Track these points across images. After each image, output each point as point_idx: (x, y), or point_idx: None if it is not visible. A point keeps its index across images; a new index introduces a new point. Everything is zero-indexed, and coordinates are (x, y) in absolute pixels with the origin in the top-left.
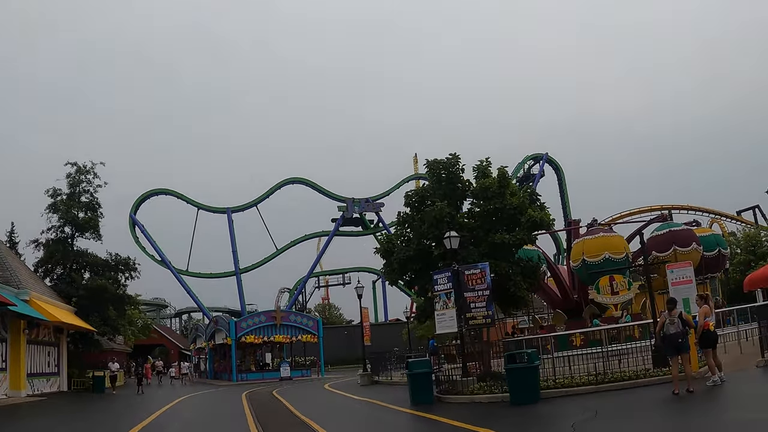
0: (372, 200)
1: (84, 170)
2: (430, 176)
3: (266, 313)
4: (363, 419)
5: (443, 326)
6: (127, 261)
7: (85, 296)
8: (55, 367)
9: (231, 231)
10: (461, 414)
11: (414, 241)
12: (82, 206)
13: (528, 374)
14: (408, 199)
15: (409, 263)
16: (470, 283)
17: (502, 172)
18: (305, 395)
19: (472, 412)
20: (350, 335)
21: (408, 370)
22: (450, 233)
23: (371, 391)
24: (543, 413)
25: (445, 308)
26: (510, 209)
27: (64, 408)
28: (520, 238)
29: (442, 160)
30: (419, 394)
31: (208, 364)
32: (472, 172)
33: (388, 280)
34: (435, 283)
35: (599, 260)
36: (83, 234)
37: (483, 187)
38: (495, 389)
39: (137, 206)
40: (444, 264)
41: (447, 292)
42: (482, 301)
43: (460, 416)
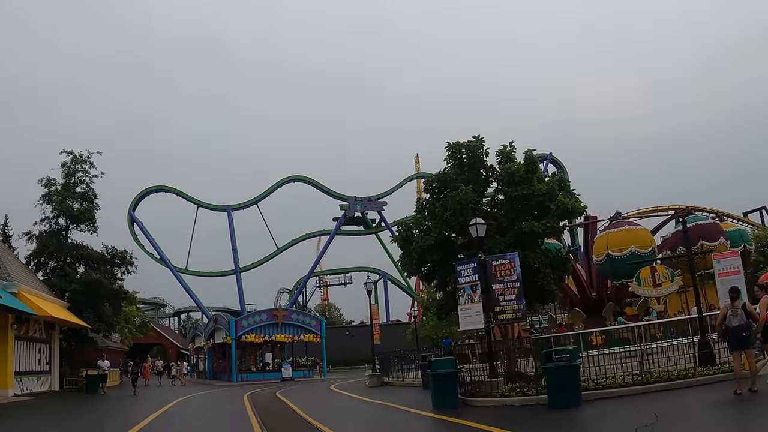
0: (375, 199)
1: (80, 159)
2: (452, 160)
3: (267, 311)
4: (384, 425)
5: (468, 322)
6: (123, 254)
7: (79, 291)
8: (47, 365)
9: (231, 229)
10: (494, 419)
11: (435, 230)
12: (77, 197)
13: (568, 374)
14: (428, 185)
15: (428, 253)
16: (498, 275)
17: (530, 156)
18: (312, 397)
19: (506, 416)
20: (351, 336)
21: (431, 370)
22: (476, 220)
23: (383, 393)
24: (591, 417)
25: (470, 302)
26: (538, 196)
27: (50, 409)
28: (550, 227)
29: (464, 142)
30: (443, 396)
31: (207, 363)
32: (495, 157)
33: (406, 271)
34: (458, 274)
35: (625, 254)
36: (78, 226)
37: (509, 172)
38: (528, 391)
39: (136, 203)
40: (467, 254)
41: (472, 285)
42: (512, 293)
43: (495, 422)
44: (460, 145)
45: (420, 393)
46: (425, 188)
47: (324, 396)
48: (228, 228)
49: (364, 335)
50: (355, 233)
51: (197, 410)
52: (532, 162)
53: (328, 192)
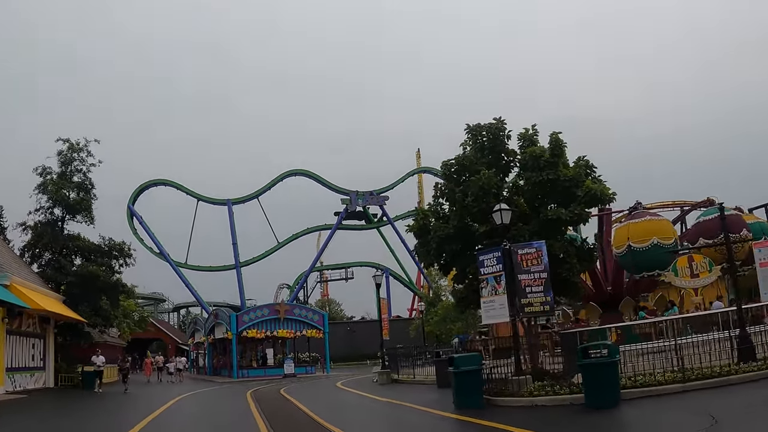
0: (376, 193)
1: (77, 147)
2: (471, 143)
3: (269, 306)
4: (406, 428)
5: (491, 315)
6: (121, 246)
7: (75, 283)
8: (41, 361)
9: (231, 223)
10: (528, 421)
11: (454, 217)
12: (73, 186)
13: (607, 371)
14: (446, 169)
15: (447, 243)
16: (525, 264)
17: (556, 139)
18: (320, 396)
19: (540, 418)
20: (353, 332)
21: (453, 368)
22: (500, 206)
23: (395, 391)
24: (638, 419)
25: (494, 294)
26: (565, 181)
27: (40, 408)
28: (578, 214)
29: (485, 124)
30: (466, 395)
31: (207, 359)
32: (516, 141)
33: (422, 262)
34: (481, 265)
35: (647, 246)
36: (74, 217)
37: (534, 156)
38: (560, 390)
39: (135, 197)
40: (490, 243)
41: (496, 276)
42: (539, 285)
43: (530, 424)
44: (481, 128)
45: (435, 391)
46: (442, 172)
47: (332, 394)
48: (228, 222)
49: (365, 331)
50: (357, 228)
51: (197, 410)
52: (558, 145)
53: (330, 186)
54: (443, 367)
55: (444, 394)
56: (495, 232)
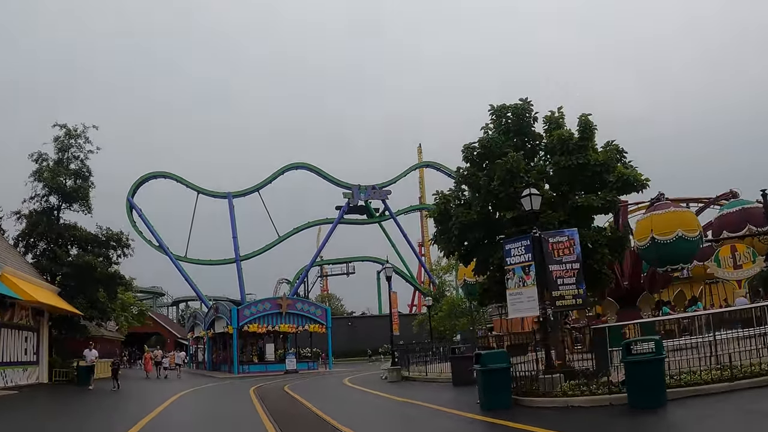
0: (379, 187)
1: (74, 134)
2: (495, 126)
3: (271, 300)
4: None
5: (519, 309)
6: (119, 236)
7: (71, 274)
8: (34, 355)
9: (232, 217)
10: (569, 425)
11: (477, 203)
12: (70, 174)
13: (653, 369)
14: (468, 152)
15: (470, 230)
16: (556, 254)
17: (585, 121)
18: (328, 394)
19: (581, 421)
20: (354, 327)
21: (480, 365)
22: (530, 190)
23: (408, 390)
24: (690, 421)
25: (522, 286)
26: (595, 166)
27: (32, 404)
28: (610, 201)
29: (510, 105)
30: (493, 396)
31: (207, 354)
32: (541, 124)
33: (442, 250)
34: (507, 254)
35: (672, 238)
36: (71, 205)
37: (562, 139)
38: (597, 389)
39: (135, 189)
40: (517, 231)
41: (524, 266)
42: (571, 276)
43: (571, 428)
44: (506, 108)
45: (452, 390)
46: (464, 156)
47: (341, 392)
48: (229, 215)
49: (366, 326)
50: (359, 222)
51: (197, 411)
52: (588, 128)
53: (331, 180)
54: (459, 365)
55: (461, 392)
56: (523, 219)
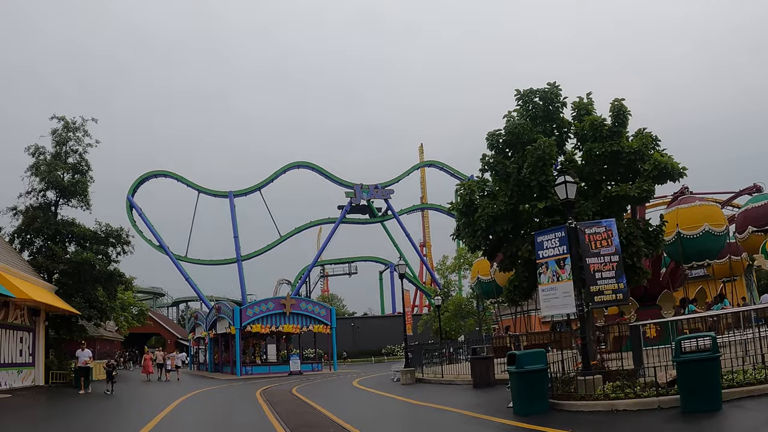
0: (381, 187)
1: (73, 126)
2: (522, 112)
3: (275, 299)
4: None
5: (553, 305)
6: (119, 233)
7: (68, 272)
8: (30, 356)
9: (233, 216)
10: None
11: (504, 193)
12: (68, 168)
13: (708, 369)
14: (492, 140)
15: (497, 222)
16: (593, 246)
17: (619, 107)
18: (341, 398)
19: (632, 427)
20: (357, 328)
21: (515, 367)
22: (566, 177)
23: (426, 393)
24: (760, 427)
25: (556, 280)
26: (629, 153)
27: (20, 410)
28: (646, 190)
29: (537, 89)
30: (529, 399)
31: (208, 355)
32: (569, 111)
33: (468, 244)
34: (540, 247)
35: (699, 233)
36: (69, 201)
37: (594, 125)
38: (643, 391)
39: (135, 188)
40: (550, 222)
41: (559, 259)
42: (610, 269)
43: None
44: (533, 93)
45: (473, 393)
46: (488, 143)
47: (356, 396)
48: (230, 215)
49: (369, 327)
50: (361, 222)
51: (202, 422)
52: (622, 113)
53: (334, 179)
54: (481, 366)
55: (485, 395)
56: (556, 209)
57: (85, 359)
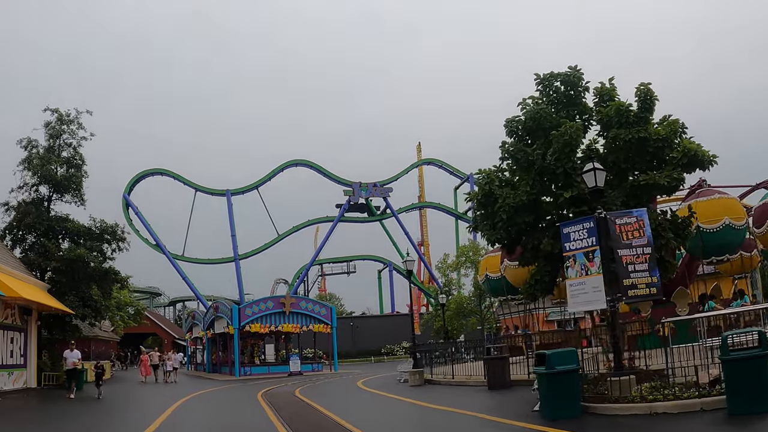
0: (380, 185)
1: (66, 119)
2: (543, 97)
3: (274, 298)
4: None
5: (581, 301)
6: (114, 228)
7: (61, 270)
8: (21, 357)
9: (230, 214)
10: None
11: (525, 182)
12: (62, 162)
13: (758, 367)
14: (512, 126)
15: (519, 214)
16: (624, 237)
17: (646, 91)
18: (349, 401)
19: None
20: (356, 327)
21: (545, 368)
22: (594, 164)
23: (438, 395)
24: None
25: (584, 274)
26: (657, 140)
27: (5, 416)
28: (676, 179)
29: (558, 73)
30: (560, 402)
31: (206, 355)
32: (591, 96)
33: (487, 237)
34: (566, 239)
35: (719, 226)
36: (63, 196)
37: (620, 110)
38: (683, 393)
39: (131, 186)
40: (574, 212)
41: (587, 252)
42: (643, 262)
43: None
44: (554, 77)
45: (490, 395)
46: (507, 130)
47: (362, 398)
48: (227, 213)
49: (368, 327)
50: (359, 220)
51: (203, 423)
52: (649, 98)
53: (332, 177)
54: (495, 366)
55: (503, 398)
56: (582, 198)
57: (73, 360)
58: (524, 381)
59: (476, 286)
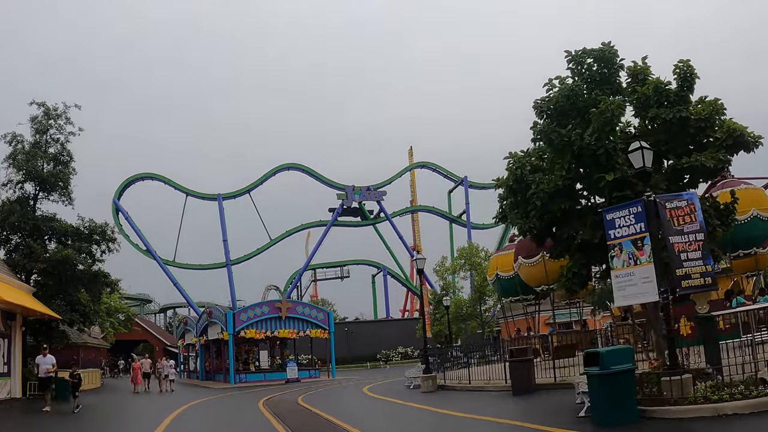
0: (374, 188)
1: (54, 114)
2: (576, 75)
3: (269, 303)
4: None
5: (629, 294)
6: (103, 228)
7: (48, 272)
8: (4, 365)
9: (222, 219)
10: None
11: (560, 166)
12: (48, 158)
13: None
14: (544, 105)
15: (554, 200)
16: (675, 223)
17: (686, 67)
18: (359, 409)
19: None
20: (351, 333)
21: (598, 368)
22: (641, 143)
23: (459, 402)
24: None
25: (633, 264)
26: (698, 120)
27: None
28: (722, 160)
29: (591, 49)
30: (615, 407)
31: (200, 362)
32: (624, 76)
33: (519, 227)
34: (610, 225)
35: (747, 218)
36: (49, 194)
37: (659, 89)
38: (750, 392)
39: (121, 191)
40: (617, 197)
41: (636, 239)
42: (696, 250)
43: None
44: (586, 53)
45: (517, 400)
46: (537, 111)
47: (375, 406)
48: (219, 218)
49: (364, 332)
50: (353, 224)
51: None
52: (690, 76)
53: (325, 180)
54: (521, 369)
55: (534, 403)
56: (625, 182)
57: (47, 368)
58: (549, 385)
59: (476, 289)
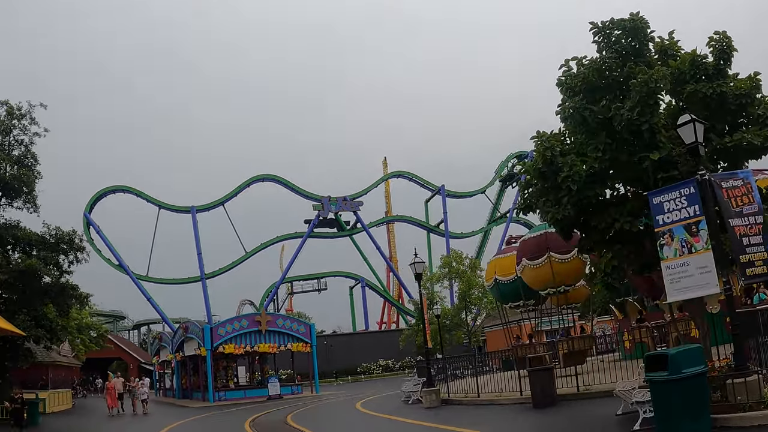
0: (350, 199)
1: (18, 113)
2: (605, 49)
3: (248, 317)
4: None
5: (685, 287)
6: (71, 237)
7: (10, 283)
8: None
9: (196, 232)
10: None
11: (595, 147)
12: (12, 161)
13: None
14: (570, 82)
15: (590, 186)
16: (733, 204)
17: (722, 40)
18: (357, 429)
19: None
20: (330, 346)
21: (667, 372)
22: (691, 116)
23: (470, 418)
24: None
25: (688, 252)
26: (739, 96)
27: None
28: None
29: (620, 19)
30: (687, 416)
31: (176, 380)
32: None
33: (550, 216)
34: (658, 210)
35: None
36: (13, 201)
37: (695, 62)
38: None
39: (92, 204)
40: (663, 179)
41: (690, 224)
42: (756, 234)
43: None
44: (614, 25)
45: (542, 415)
46: (563, 89)
47: (378, 427)
48: (193, 232)
49: (343, 345)
50: (329, 236)
51: None
52: (727, 48)
53: (300, 191)
54: (543, 380)
55: (563, 418)
56: (670, 162)
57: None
58: (571, 395)
59: (460, 298)
